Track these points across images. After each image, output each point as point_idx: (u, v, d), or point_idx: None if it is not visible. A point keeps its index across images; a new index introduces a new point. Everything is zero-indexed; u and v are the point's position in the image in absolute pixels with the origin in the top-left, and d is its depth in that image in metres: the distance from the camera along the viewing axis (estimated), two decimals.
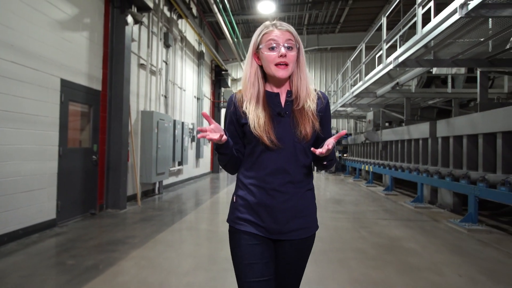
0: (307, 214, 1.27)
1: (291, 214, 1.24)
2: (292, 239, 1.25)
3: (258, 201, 1.23)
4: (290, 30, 1.23)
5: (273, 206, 1.23)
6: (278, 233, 1.24)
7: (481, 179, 4.68)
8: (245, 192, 1.27)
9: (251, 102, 1.25)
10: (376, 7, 12.11)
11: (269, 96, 1.27)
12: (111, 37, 5.73)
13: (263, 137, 1.20)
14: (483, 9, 3.34)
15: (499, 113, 4.74)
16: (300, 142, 1.24)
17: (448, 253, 3.65)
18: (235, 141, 1.30)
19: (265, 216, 1.23)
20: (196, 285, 2.70)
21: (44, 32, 4.25)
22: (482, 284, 2.79)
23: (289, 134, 1.23)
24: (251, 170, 1.27)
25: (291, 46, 1.21)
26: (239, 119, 1.27)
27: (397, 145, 8.89)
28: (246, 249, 1.22)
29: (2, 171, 3.63)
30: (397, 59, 5.40)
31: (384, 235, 4.39)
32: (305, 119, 1.23)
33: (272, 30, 1.22)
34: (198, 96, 11.75)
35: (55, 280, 2.74)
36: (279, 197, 1.23)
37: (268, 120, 1.22)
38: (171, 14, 8.72)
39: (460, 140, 5.89)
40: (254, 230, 1.23)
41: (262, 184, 1.24)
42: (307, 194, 1.29)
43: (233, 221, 1.28)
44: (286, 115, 1.25)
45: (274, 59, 1.20)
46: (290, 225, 1.24)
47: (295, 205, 1.24)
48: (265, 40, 1.22)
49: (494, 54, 5.12)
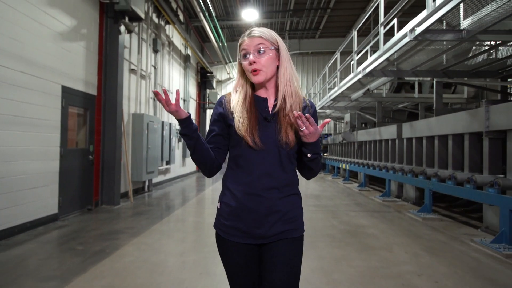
0: (291, 217, 1.27)
1: (275, 218, 1.24)
2: (278, 240, 1.25)
3: (241, 206, 1.24)
4: (261, 35, 1.25)
5: (257, 211, 1.23)
6: (262, 238, 1.25)
7: (434, 174, 5.44)
8: (229, 198, 1.28)
9: (238, 103, 1.27)
10: (353, 15, 12.91)
11: (258, 100, 1.29)
12: (105, 45, 6.17)
13: (247, 137, 1.22)
14: (428, 33, 4.03)
15: (450, 118, 5.51)
16: (284, 148, 1.24)
17: (401, 236, 4.35)
18: (216, 139, 1.31)
19: (249, 221, 1.24)
20: (190, 263, 3.26)
21: (47, 43, 4.68)
22: (422, 257, 3.48)
23: (273, 139, 1.24)
24: (235, 174, 1.28)
25: (262, 49, 1.23)
26: (226, 119, 1.29)
27: (370, 145, 9.67)
28: (231, 258, 1.27)
29: (11, 170, 4.06)
30: (365, 70, 6.10)
31: (351, 223, 5.06)
32: (287, 125, 1.24)
33: (244, 39, 1.26)
34: (184, 98, 12.20)
35: (71, 261, 3.24)
36: (264, 202, 1.23)
37: (254, 123, 1.24)
38: (159, 20, 9.17)
39: (421, 141, 6.66)
40: (239, 239, 1.25)
41: (246, 188, 1.24)
42: (291, 198, 1.29)
43: (219, 228, 1.30)
44: (273, 120, 1.26)
45: (246, 67, 1.24)
46: (274, 229, 1.24)
47: (279, 210, 1.25)
48: (240, 50, 1.27)
49: (448, 66, 5.90)
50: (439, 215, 5.54)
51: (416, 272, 3.06)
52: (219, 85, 17.00)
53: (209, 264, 3.21)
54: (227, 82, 17.21)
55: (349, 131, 11.82)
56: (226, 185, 1.31)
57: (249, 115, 1.24)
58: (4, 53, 3.90)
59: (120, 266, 3.14)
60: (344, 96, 9.41)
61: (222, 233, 1.28)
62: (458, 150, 5.48)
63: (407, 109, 10.82)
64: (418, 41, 4.27)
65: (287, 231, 1.25)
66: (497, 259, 3.45)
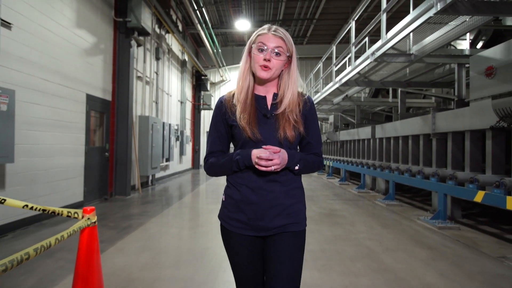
0: (293, 211, 1.30)
1: (277, 211, 1.27)
2: (280, 233, 1.28)
3: (244, 198, 1.28)
4: (283, 38, 1.27)
5: (259, 204, 1.26)
6: (265, 230, 1.28)
7: (396, 168, 6.58)
8: (232, 191, 1.32)
9: (241, 94, 1.30)
10: (337, 24, 14.06)
11: (257, 98, 1.32)
12: (118, 57, 7.12)
13: (246, 129, 1.25)
14: (385, 56, 5.14)
15: (410, 122, 6.65)
16: (284, 144, 1.28)
17: (365, 216, 5.46)
18: (222, 141, 1.35)
19: (251, 214, 1.27)
20: (200, 234, 4.28)
21: (76, 59, 5.62)
22: (375, 229, 4.58)
23: (273, 135, 1.28)
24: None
25: (279, 52, 1.25)
26: (227, 119, 1.32)
27: (351, 144, 10.82)
28: (234, 248, 1.31)
29: (52, 164, 5.01)
30: (341, 80, 7.21)
31: (327, 208, 6.16)
32: (286, 123, 1.27)
33: (266, 33, 1.27)
34: (181, 100, 13.15)
35: (108, 233, 4.23)
36: (265, 195, 1.26)
37: (253, 117, 1.27)
38: (160, 31, 10.11)
39: (389, 140, 7.81)
40: (242, 231, 1.29)
41: (249, 182, 1.28)
42: (294, 191, 1.32)
43: (223, 219, 1.35)
44: (272, 117, 1.29)
45: (259, 60, 1.25)
46: (276, 222, 1.27)
47: (281, 203, 1.27)
48: (258, 41, 1.27)
49: (410, 78, 7.06)
50: (401, 202, 6.70)
51: (368, 238, 4.16)
52: (212, 87, 17.95)
53: (215, 233, 4.24)
54: (220, 84, 18.16)
55: (333, 131, 12.96)
56: (230, 179, 1.35)
57: (250, 107, 1.28)
58: (47, 69, 4.84)
59: (147, 235, 4.15)
60: (327, 101, 10.54)
61: (226, 224, 1.32)
62: (416, 148, 6.62)
63: (384, 112, 12.01)
64: (378, 62, 5.38)
65: (289, 224, 1.28)
66: (431, 230, 4.58)
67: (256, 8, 12.67)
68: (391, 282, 2.78)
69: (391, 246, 3.83)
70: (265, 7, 12.68)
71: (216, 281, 2.79)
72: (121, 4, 7.07)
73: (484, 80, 4.33)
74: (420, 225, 4.89)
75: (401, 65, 6.14)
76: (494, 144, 4.30)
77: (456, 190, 4.63)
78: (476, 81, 4.51)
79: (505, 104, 3.62)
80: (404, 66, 6.06)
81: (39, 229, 4.38)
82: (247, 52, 1.31)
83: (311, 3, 12.05)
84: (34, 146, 4.57)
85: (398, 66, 6.31)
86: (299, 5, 12.27)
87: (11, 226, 4.15)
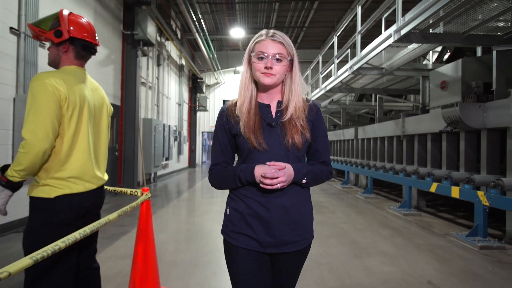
0: (302, 225, 1.26)
1: (287, 228, 1.22)
2: (287, 252, 1.23)
3: (252, 212, 1.22)
4: (282, 42, 1.22)
5: (268, 219, 1.20)
6: (273, 247, 1.22)
7: (373, 166, 7.50)
8: (238, 204, 1.25)
9: (244, 105, 1.25)
10: (325, 32, 14.99)
11: (261, 107, 1.27)
12: (126, 67, 7.89)
13: (251, 139, 1.20)
14: (361, 70, 6.04)
15: (385, 125, 7.56)
16: (291, 151, 1.24)
17: (344, 206, 6.36)
18: (223, 152, 1.30)
19: (259, 229, 1.21)
20: (205, 220, 5.11)
21: (93, 70, 6.39)
22: (351, 216, 5.47)
23: (279, 144, 1.23)
24: None
25: (280, 59, 1.21)
26: (231, 128, 1.27)
27: (337, 144, 11.75)
28: (240, 265, 1.22)
29: None
30: (326, 87, 8.11)
31: (314, 201, 6.86)
32: (293, 129, 1.23)
33: (264, 39, 1.22)
34: (179, 102, 13.93)
35: (127, 219, 5.03)
36: (274, 210, 1.21)
37: (258, 126, 1.23)
38: (161, 39, 10.88)
39: (370, 141, 8.73)
40: (249, 246, 1.22)
41: (256, 195, 1.22)
42: (304, 203, 1.28)
43: (227, 234, 1.27)
44: (277, 125, 1.24)
45: (260, 68, 1.22)
46: (285, 239, 1.22)
47: (290, 217, 1.23)
48: (257, 49, 1.23)
49: (387, 86, 7.99)
50: (378, 195, 7.62)
51: (343, 222, 5.05)
52: (207, 89, 18.74)
53: (218, 219, 5.08)
54: (215, 86, 18.95)
55: None
56: (234, 191, 1.28)
57: (254, 117, 1.23)
58: None
59: (161, 220, 4.97)
60: None
61: (231, 240, 1.25)
62: (391, 147, 7.56)
63: (368, 115, 12.98)
64: (355, 74, 6.28)
65: (297, 241, 1.24)
66: (397, 216, 5.49)
67: (250, 16, 13.50)
68: (354, 250, 3.67)
69: (361, 227, 4.73)
70: (258, 16, 13.53)
71: (221, 251, 3.63)
72: (129, 18, 7.84)
73: (440, 92, 5.26)
74: (389, 213, 5.81)
75: (377, 76, 7.06)
76: (448, 145, 5.23)
77: (417, 183, 5.55)
78: (434, 92, 5.44)
79: (450, 113, 4.53)
80: (378, 78, 6.98)
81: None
82: (246, 61, 1.28)
83: (301, 13, 12.94)
84: None
85: (375, 77, 7.22)
86: (290, 14, 13.15)
87: None
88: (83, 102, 1.60)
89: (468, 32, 4.23)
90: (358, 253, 3.56)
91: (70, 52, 1.66)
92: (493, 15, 3.78)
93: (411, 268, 3.14)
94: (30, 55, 4.43)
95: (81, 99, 1.59)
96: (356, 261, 3.32)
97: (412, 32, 4.13)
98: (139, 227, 2.40)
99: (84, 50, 1.68)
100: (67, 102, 1.51)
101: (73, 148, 1.57)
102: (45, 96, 1.45)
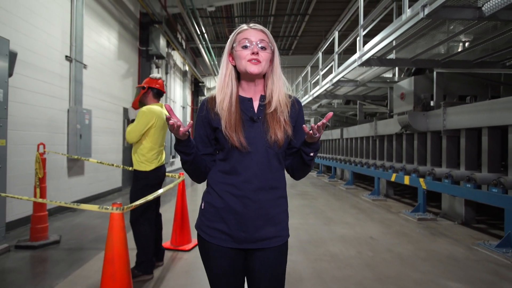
0: (278, 222, 1.25)
1: (261, 223, 1.21)
2: (263, 248, 1.23)
3: (227, 207, 1.21)
4: (264, 31, 1.23)
5: (243, 214, 1.20)
6: (247, 242, 1.21)
7: (353, 161, 8.84)
8: (214, 198, 1.24)
9: (224, 102, 1.22)
10: (317, 39, 16.32)
11: (242, 101, 1.25)
12: (142, 78, 9.17)
13: (233, 137, 1.18)
14: (340, 82, 7.36)
15: (363, 127, 8.90)
16: (272, 148, 1.22)
17: (327, 195, 7.70)
18: (203, 145, 1.28)
19: (234, 224, 1.21)
20: None
21: (117, 83, 7.69)
22: (331, 202, 6.80)
23: (261, 139, 1.21)
24: (222, 176, 1.24)
25: (264, 46, 1.21)
26: (211, 122, 1.25)
27: (326, 143, 13.09)
28: (214, 261, 1.23)
29: (106, 159, 7.07)
30: (313, 94, 9.43)
31: (301, 191, 8.37)
32: (276, 124, 1.21)
33: (246, 29, 1.22)
34: (183, 105, 15.22)
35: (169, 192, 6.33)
36: (250, 205, 1.20)
37: (239, 122, 1.20)
38: (168, 50, 12.16)
39: (352, 140, 10.07)
40: (222, 243, 1.21)
41: (234, 190, 1.21)
42: (279, 201, 1.27)
43: (201, 229, 1.26)
44: (259, 120, 1.23)
45: (246, 56, 1.19)
46: (259, 234, 1.21)
47: (266, 213, 1.22)
48: (239, 39, 1.21)
49: (366, 93, 9.32)
50: (357, 187, 8.97)
51: (323, 205, 6.38)
52: (208, 92, 20.04)
53: None
54: None
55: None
56: (211, 186, 1.27)
57: (234, 115, 1.20)
58: (103, 92, 6.91)
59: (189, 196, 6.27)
60: (306, 107, 12.77)
61: (205, 235, 1.24)
62: (367, 145, 8.90)
63: (355, 117, 14.30)
64: (334, 86, 7.61)
65: (272, 238, 1.23)
66: (367, 202, 6.84)
67: None
68: (325, 221, 5.00)
69: (336, 208, 6.06)
70: None
71: None
72: (144, 36, 9.12)
73: (400, 101, 6.60)
74: (362, 199, 7.15)
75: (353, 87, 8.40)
76: (407, 143, 6.57)
77: (383, 174, 6.89)
78: (396, 101, 6.78)
79: (403, 119, 5.86)
80: (354, 88, 8.31)
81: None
82: (227, 55, 1.26)
83: (294, 24, 14.26)
84: (97, 147, 6.65)
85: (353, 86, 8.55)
86: (284, 25, 14.47)
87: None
88: (161, 120, 2.91)
89: (414, 58, 5.56)
90: (327, 223, 4.90)
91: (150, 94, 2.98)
92: (432, 45, 5.05)
93: (362, 230, 4.48)
94: (78, 76, 5.73)
95: (160, 118, 2.91)
96: (325, 227, 4.66)
97: (371, 58, 5.44)
98: (178, 198, 3.73)
99: (158, 94, 3.00)
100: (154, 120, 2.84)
101: (156, 144, 2.89)
102: (143, 117, 2.79)
